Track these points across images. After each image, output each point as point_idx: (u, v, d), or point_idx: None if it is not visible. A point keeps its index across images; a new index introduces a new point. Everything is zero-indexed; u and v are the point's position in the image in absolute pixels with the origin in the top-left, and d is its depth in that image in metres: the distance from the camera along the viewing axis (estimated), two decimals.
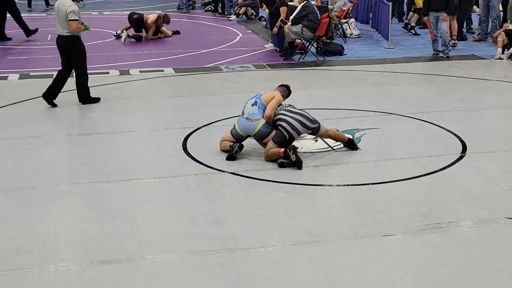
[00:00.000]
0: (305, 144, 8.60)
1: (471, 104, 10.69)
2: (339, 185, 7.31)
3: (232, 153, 8.03)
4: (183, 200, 6.95)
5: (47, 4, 24.61)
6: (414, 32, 18.16)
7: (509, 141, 8.75)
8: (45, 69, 13.63)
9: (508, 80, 12.38)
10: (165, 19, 17.96)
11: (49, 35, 17.74)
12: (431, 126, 9.41)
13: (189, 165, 7.96)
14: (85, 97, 10.92)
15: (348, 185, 7.31)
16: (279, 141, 7.98)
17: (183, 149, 8.52)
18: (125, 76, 12.93)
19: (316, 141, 8.75)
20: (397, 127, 9.49)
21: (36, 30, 17.74)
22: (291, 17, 14.45)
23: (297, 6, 15.11)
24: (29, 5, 24.60)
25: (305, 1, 14.53)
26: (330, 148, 8.47)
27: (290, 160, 7.74)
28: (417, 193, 7.08)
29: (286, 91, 8.57)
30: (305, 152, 8.29)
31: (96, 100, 10.97)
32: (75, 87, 10.98)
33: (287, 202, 6.84)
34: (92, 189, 7.25)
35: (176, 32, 18.73)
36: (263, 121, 8.13)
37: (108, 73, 13.24)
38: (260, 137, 8.21)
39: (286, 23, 14.65)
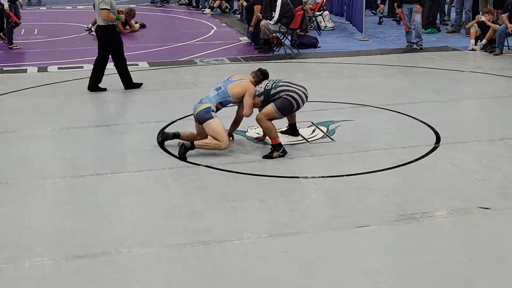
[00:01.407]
0: (279, 136, 8.58)
1: (445, 95, 10.77)
2: (314, 177, 7.32)
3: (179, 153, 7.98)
4: (158, 193, 6.94)
5: None
6: (381, 20, 18.38)
7: (483, 132, 8.83)
8: (18, 64, 13.53)
9: (481, 71, 12.49)
10: (130, 13, 17.93)
11: (23, 30, 17.60)
12: (405, 118, 9.47)
13: (164, 158, 7.94)
14: (128, 82, 11.37)
15: (323, 176, 7.33)
16: (283, 108, 7.98)
17: (158, 143, 8.49)
18: None
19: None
20: (371, 118, 9.53)
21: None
22: (275, 18, 14.43)
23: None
24: None
25: None
26: (304, 140, 8.49)
27: (272, 153, 7.82)
28: (391, 184, 7.12)
29: (259, 76, 8.33)
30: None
31: (139, 85, 11.42)
32: (46, 82, 10.89)
33: (262, 195, 6.85)
34: (66, 183, 7.21)
35: (142, 26, 18.58)
36: (206, 105, 8.04)
37: (82, 67, 13.14)
38: (199, 120, 8.09)
39: (261, 20, 14.67)
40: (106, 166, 7.70)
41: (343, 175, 7.33)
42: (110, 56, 11.26)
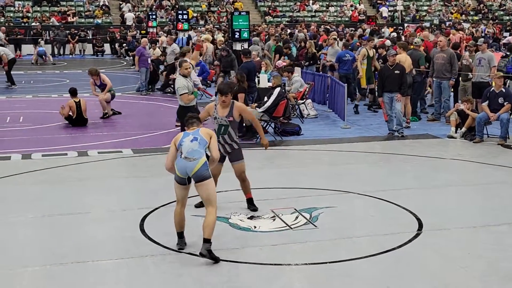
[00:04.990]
0: (263, 223, 8.59)
1: (426, 182, 10.85)
2: (297, 264, 7.29)
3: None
4: (139, 282, 6.86)
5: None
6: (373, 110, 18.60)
7: (464, 219, 8.87)
8: (2, 151, 13.54)
9: (461, 158, 12.63)
10: (92, 71, 18.16)
11: (8, 118, 17.68)
12: (387, 204, 9.51)
13: (146, 246, 7.89)
14: None
15: (306, 264, 7.30)
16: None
17: (141, 230, 8.45)
18: (83, 157, 12.87)
19: (274, 220, 8.76)
20: (354, 205, 9.57)
21: None
22: (266, 105, 14.76)
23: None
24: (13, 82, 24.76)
25: (278, 88, 14.98)
26: (287, 227, 8.49)
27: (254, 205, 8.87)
28: (374, 272, 7.09)
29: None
30: (263, 232, 8.29)
31: None
32: (29, 169, 10.90)
33: (243, 284, 6.79)
34: (45, 272, 7.12)
35: (117, 113, 18.54)
36: (202, 161, 7.32)
37: (66, 154, 13.17)
38: (199, 179, 7.34)
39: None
40: (86, 254, 7.63)
41: (326, 262, 7.30)
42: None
